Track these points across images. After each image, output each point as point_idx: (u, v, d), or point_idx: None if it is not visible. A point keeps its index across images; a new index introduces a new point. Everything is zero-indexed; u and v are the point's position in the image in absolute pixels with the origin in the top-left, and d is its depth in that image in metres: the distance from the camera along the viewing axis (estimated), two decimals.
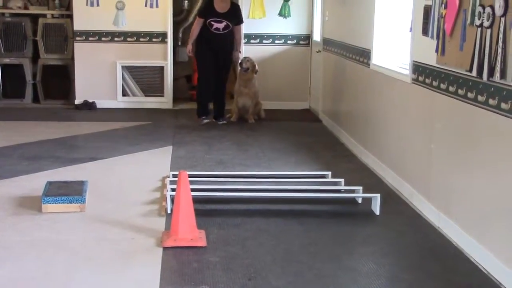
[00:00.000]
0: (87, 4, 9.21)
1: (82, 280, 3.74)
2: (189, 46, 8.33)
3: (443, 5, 4.65)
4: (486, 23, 3.96)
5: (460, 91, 4.38)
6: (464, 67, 4.27)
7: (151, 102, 9.50)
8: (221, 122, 8.44)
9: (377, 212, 4.98)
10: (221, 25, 8.15)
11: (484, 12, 3.98)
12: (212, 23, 8.14)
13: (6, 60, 9.47)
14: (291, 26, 9.57)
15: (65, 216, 4.72)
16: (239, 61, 8.65)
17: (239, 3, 9.47)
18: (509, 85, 3.73)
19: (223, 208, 5.05)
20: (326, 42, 8.59)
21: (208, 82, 8.33)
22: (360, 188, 5.28)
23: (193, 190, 4.48)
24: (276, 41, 9.59)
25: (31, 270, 3.84)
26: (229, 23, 8.18)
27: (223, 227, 4.60)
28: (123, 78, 9.48)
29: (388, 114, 5.95)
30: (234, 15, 8.29)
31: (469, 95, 4.23)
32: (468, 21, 4.23)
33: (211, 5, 8.21)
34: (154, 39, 9.35)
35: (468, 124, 4.30)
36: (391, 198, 5.38)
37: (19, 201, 5.03)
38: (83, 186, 5.10)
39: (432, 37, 4.87)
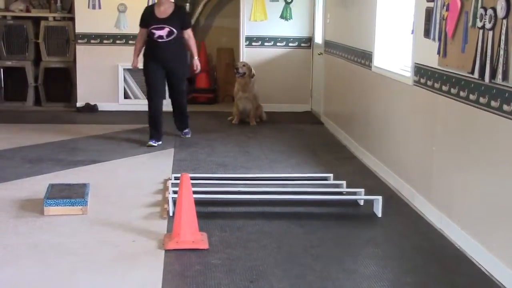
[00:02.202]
0: (88, 7, 9.22)
1: (84, 283, 3.73)
2: (134, 61, 7.37)
3: (444, 7, 4.65)
4: (488, 25, 3.96)
5: (462, 93, 4.38)
6: (466, 69, 4.27)
7: None
8: (184, 136, 7.68)
9: (379, 214, 4.98)
10: (163, 32, 7.06)
11: (486, 14, 3.98)
12: (153, 31, 7.08)
13: (8, 63, 9.49)
14: (293, 29, 9.58)
15: (67, 219, 4.72)
16: (236, 67, 8.63)
17: (241, 5, 9.49)
18: (511, 87, 3.73)
19: (225, 210, 5.05)
20: (327, 44, 8.59)
21: (156, 100, 7.29)
22: (362, 190, 5.27)
23: (195, 192, 4.48)
24: (278, 44, 9.59)
25: (32, 273, 3.84)
26: (172, 29, 7.06)
27: (225, 230, 4.60)
28: (125, 81, 9.49)
29: (389, 116, 5.94)
30: (178, 19, 7.17)
31: (471, 97, 4.23)
32: (470, 23, 4.23)
33: (151, 11, 7.23)
34: None
35: (469, 126, 4.30)
36: (393, 200, 5.37)
37: (21, 204, 5.03)
38: (85, 188, 5.10)
39: (434, 39, 4.87)
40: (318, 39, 9.24)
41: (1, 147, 6.92)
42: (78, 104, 9.38)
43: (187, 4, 10.26)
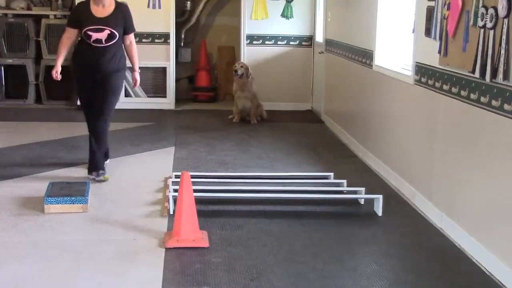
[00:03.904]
0: None
1: (85, 281, 3.74)
2: (56, 68, 5.85)
3: (446, 6, 4.65)
4: (489, 24, 3.95)
5: (463, 92, 4.38)
6: (467, 68, 4.27)
7: (154, 103, 9.51)
8: (97, 178, 5.64)
9: (380, 213, 4.98)
10: (102, 35, 5.64)
11: (487, 13, 3.98)
12: (90, 33, 5.63)
13: (9, 61, 9.49)
14: (294, 27, 9.58)
15: (67, 217, 4.72)
16: (234, 69, 8.60)
17: (242, 4, 9.47)
18: None
19: (225, 209, 5.05)
20: (328, 43, 8.59)
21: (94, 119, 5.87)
22: (363, 189, 5.28)
23: (195, 191, 4.48)
24: (279, 42, 9.59)
25: (33, 270, 3.84)
26: (114, 31, 5.66)
27: (225, 228, 4.61)
28: (125, 79, 9.47)
29: (390, 115, 5.94)
30: (121, 20, 5.74)
31: (472, 96, 4.23)
32: (471, 22, 4.22)
33: (87, 9, 5.72)
34: (156, 40, 9.35)
35: (470, 125, 4.30)
36: (393, 199, 5.37)
37: (22, 202, 5.03)
38: (86, 187, 5.10)
39: (435, 38, 4.87)
40: (319, 37, 9.24)
41: (1, 145, 6.92)
42: (79, 102, 9.37)
43: (188, 2, 10.26)
